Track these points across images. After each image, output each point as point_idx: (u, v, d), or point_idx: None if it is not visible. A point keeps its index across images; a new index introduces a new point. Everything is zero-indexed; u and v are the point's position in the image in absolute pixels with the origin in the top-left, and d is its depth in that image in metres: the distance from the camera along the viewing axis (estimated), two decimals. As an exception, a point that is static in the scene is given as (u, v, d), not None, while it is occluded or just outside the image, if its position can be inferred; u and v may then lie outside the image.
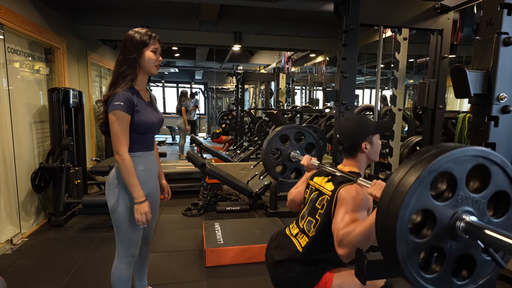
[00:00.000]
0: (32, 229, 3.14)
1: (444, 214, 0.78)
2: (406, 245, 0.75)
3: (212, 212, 3.71)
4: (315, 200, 1.45)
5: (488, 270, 0.85)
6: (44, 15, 3.48)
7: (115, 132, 1.49)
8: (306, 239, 1.40)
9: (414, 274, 0.77)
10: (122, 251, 1.65)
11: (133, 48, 1.50)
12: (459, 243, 0.80)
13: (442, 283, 0.81)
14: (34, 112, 3.36)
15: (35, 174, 3.07)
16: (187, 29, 4.55)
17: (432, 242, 0.78)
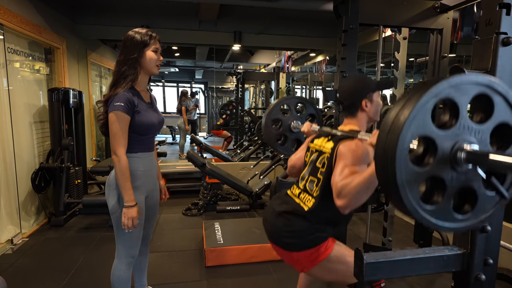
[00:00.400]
0: (33, 229, 3.14)
1: (446, 143, 0.77)
2: (406, 173, 0.74)
3: (212, 212, 3.72)
4: (315, 160, 1.44)
5: (490, 206, 0.85)
6: (44, 15, 3.48)
7: (114, 133, 1.48)
8: (311, 199, 1.38)
9: (414, 205, 0.76)
10: (122, 251, 1.65)
11: (134, 48, 1.50)
12: (460, 174, 0.79)
13: (442, 215, 0.81)
14: (34, 112, 3.36)
15: (35, 174, 3.07)
16: (186, 29, 4.55)
17: (433, 172, 0.77)
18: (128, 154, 1.55)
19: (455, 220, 0.83)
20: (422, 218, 0.79)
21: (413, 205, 0.76)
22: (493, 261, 1.14)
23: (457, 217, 0.83)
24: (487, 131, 0.80)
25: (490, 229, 1.11)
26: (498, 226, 1.14)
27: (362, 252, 1.09)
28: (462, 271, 1.16)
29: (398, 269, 1.12)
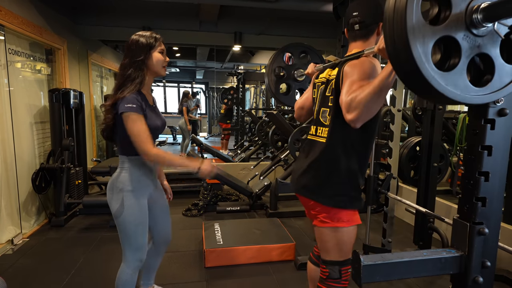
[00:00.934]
0: (33, 229, 3.15)
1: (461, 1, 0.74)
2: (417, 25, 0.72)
3: (212, 213, 3.72)
4: (323, 90, 1.42)
5: (506, 80, 0.83)
6: (45, 16, 3.49)
7: (136, 133, 1.45)
8: (326, 129, 1.36)
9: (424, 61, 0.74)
10: (129, 256, 1.62)
11: (140, 51, 1.50)
12: (476, 36, 0.77)
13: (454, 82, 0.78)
14: (35, 112, 3.37)
15: (36, 175, 3.08)
16: (187, 30, 4.56)
17: (447, 31, 0.75)
18: (132, 157, 1.56)
19: (468, 90, 0.80)
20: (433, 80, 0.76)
21: (425, 66, 0.74)
22: (491, 263, 1.14)
23: (471, 87, 0.80)
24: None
25: (487, 232, 1.11)
26: (496, 228, 1.14)
27: (360, 254, 1.09)
28: (460, 273, 1.16)
29: (396, 271, 1.12)
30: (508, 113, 1.09)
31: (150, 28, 4.41)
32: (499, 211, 1.15)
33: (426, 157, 2.61)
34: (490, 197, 1.12)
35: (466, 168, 1.16)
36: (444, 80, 0.78)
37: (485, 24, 0.78)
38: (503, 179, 1.13)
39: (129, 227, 1.56)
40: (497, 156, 1.11)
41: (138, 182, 1.58)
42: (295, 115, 1.70)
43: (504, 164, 1.13)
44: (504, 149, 1.12)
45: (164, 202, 1.81)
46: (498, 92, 0.86)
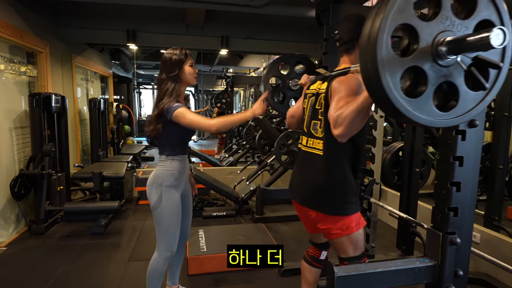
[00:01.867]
0: (12, 238, 3.07)
1: (428, 32, 0.81)
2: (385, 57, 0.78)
3: (198, 218, 3.68)
4: (314, 103, 1.50)
5: (469, 106, 0.90)
6: (26, 19, 3.42)
7: (191, 121, 1.65)
8: (319, 142, 1.45)
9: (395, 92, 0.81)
10: (162, 245, 1.79)
11: (174, 66, 1.72)
12: (442, 67, 0.84)
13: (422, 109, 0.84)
14: (15, 117, 3.29)
15: (15, 181, 3.00)
16: (174, 33, 4.53)
17: (414, 61, 0.82)
18: (171, 157, 1.78)
19: (435, 115, 0.87)
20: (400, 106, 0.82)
21: (392, 91, 0.81)
22: (463, 272, 1.15)
23: (437, 112, 0.87)
24: (470, 26, 0.84)
25: (460, 241, 1.12)
26: (468, 238, 1.16)
27: (333, 266, 1.09)
28: (434, 282, 1.17)
29: (370, 282, 1.12)
30: (478, 124, 1.11)
31: (135, 32, 4.37)
32: (471, 221, 1.17)
33: (408, 162, 2.64)
34: (462, 207, 1.13)
35: (439, 179, 1.17)
36: (411, 106, 0.84)
37: (449, 56, 0.84)
38: (474, 189, 1.15)
39: (165, 218, 1.75)
40: (469, 167, 1.13)
41: (175, 179, 1.77)
42: (287, 122, 1.81)
43: (475, 175, 1.15)
44: (475, 160, 1.14)
45: (190, 199, 2.02)
46: (462, 116, 0.91)
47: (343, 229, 1.41)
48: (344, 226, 1.41)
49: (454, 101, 0.89)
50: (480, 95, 0.92)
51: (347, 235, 1.42)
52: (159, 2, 3.36)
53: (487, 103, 0.93)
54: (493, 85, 0.92)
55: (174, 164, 1.78)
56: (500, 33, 0.73)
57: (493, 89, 0.92)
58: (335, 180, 1.41)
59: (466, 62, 0.88)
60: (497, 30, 0.72)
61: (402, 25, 0.81)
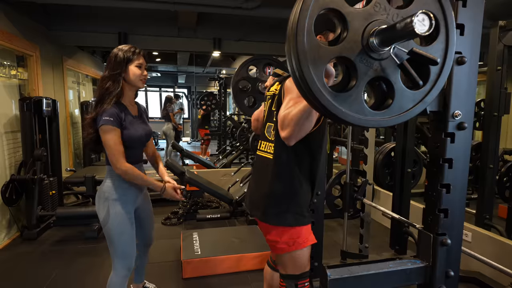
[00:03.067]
0: (4, 243, 3.03)
1: (358, 21, 0.73)
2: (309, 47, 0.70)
3: (193, 221, 3.67)
4: (270, 105, 1.42)
5: (407, 104, 0.82)
6: (14, 22, 3.37)
7: (108, 146, 1.55)
8: (271, 145, 1.35)
9: (319, 85, 0.72)
10: (117, 263, 1.68)
11: (118, 65, 1.58)
12: (374, 60, 0.75)
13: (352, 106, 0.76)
14: (5, 122, 3.24)
15: (6, 187, 2.96)
16: (166, 36, 4.51)
17: (342, 51, 0.73)
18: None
19: (366, 114, 0.78)
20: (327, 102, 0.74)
21: (317, 86, 0.72)
22: (454, 273, 1.17)
23: (369, 111, 0.78)
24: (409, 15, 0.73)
25: (450, 242, 1.14)
26: (458, 238, 1.17)
27: (327, 268, 1.10)
28: (425, 283, 1.18)
29: (363, 284, 1.13)
30: (467, 127, 1.13)
31: (127, 34, 4.35)
32: (461, 222, 1.18)
33: (400, 162, 2.66)
34: (452, 208, 1.14)
35: (429, 181, 1.19)
36: (338, 101, 0.76)
37: (382, 48, 0.76)
38: (464, 190, 1.17)
39: (115, 235, 1.63)
40: (458, 169, 1.14)
41: (123, 191, 1.65)
42: (252, 127, 1.70)
43: (464, 176, 1.16)
44: (464, 162, 1.15)
45: (149, 207, 1.91)
46: (397, 117, 0.83)
47: (290, 244, 1.30)
48: (290, 241, 1.29)
49: (390, 99, 0.82)
50: (419, 94, 0.84)
51: (292, 251, 1.31)
52: (150, 4, 3.34)
53: (427, 104, 0.87)
54: (434, 84, 0.85)
55: (120, 176, 1.62)
56: (426, 18, 0.65)
57: (433, 89, 0.85)
58: (283, 187, 1.30)
59: (402, 56, 0.79)
60: (421, 14, 0.64)
61: (328, 10, 0.73)
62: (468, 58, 1.08)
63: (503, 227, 2.82)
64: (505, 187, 3.21)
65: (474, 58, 1.10)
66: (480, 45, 1.11)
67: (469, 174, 3.39)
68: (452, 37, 0.87)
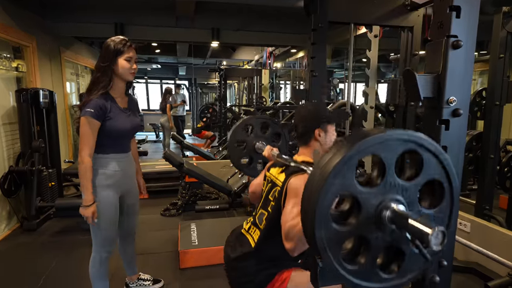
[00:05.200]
0: (4, 234, 3.05)
1: (370, 201, 0.74)
2: (326, 232, 0.72)
3: (191, 212, 3.67)
4: (268, 192, 1.41)
5: (418, 265, 0.83)
6: (9, 13, 3.34)
7: (81, 136, 1.60)
8: (258, 232, 1.35)
9: (335, 264, 0.75)
10: (97, 246, 1.77)
11: (107, 56, 1.61)
12: (385, 234, 0.76)
13: (366, 276, 0.78)
14: (3, 113, 3.24)
15: (4, 178, 2.97)
16: (164, 26, 4.46)
17: (357, 232, 0.75)
18: (101, 155, 1.68)
19: (380, 280, 0.80)
20: (343, 279, 0.77)
21: (333, 265, 0.75)
22: (447, 262, 1.15)
23: (383, 276, 0.80)
24: (416, 189, 0.77)
25: (443, 232, 1.11)
26: (452, 229, 1.15)
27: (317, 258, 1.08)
28: (418, 273, 1.16)
29: (354, 274, 1.11)
30: (462, 113, 1.09)
31: (124, 25, 4.29)
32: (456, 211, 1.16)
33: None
34: (445, 197, 1.12)
35: (423, 169, 1.16)
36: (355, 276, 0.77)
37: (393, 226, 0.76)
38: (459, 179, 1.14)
39: (97, 219, 1.66)
40: (453, 156, 1.11)
41: (106, 178, 1.69)
42: (249, 196, 1.69)
43: (460, 165, 1.13)
44: (459, 149, 1.12)
45: (136, 198, 1.94)
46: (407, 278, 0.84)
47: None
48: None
49: (400, 263, 0.82)
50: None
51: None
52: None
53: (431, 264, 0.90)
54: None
55: (105, 163, 1.68)
56: (440, 234, 0.66)
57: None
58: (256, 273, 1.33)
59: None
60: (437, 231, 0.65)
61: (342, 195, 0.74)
62: (464, 42, 1.04)
63: (504, 218, 2.80)
64: (506, 178, 3.17)
65: (470, 42, 1.07)
66: (477, 28, 1.07)
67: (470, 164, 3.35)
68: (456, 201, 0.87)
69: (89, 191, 1.61)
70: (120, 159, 1.74)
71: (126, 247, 2.05)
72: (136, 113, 1.83)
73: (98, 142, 1.64)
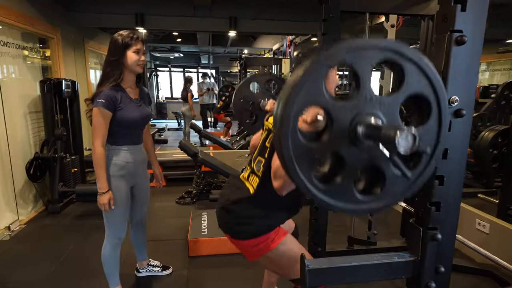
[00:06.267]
0: (31, 216, 3.26)
1: (343, 115, 0.70)
2: (295, 147, 0.68)
3: (206, 201, 3.75)
4: (265, 139, 1.41)
5: (399, 188, 0.79)
6: (35, 5, 3.47)
7: (94, 126, 1.66)
8: (256, 179, 1.35)
9: (306, 181, 0.71)
10: (109, 232, 1.87)
11: (116, 50, 1.65)
12: (362, 151, 0.73)
13: (341, 196, 0.75)
14: (29, 102, 3.41)
15: (30, 164, 3.16)
16: (181, 16, 4.47)
17: (329, 147, 0.71)
18: (114, 146, 1.75)
19: (356, 202, 0.76)
20: (315, 197, 0.73)
21: (304, 183, 0.71)
22: (445, 269, 1.10)
23: (359, 198, 0.76)
24: (396, 104, 0.72)
25: (441, 237, 1.07)
26: (451, 234, 1.10)
27: (305, 258, 1.07)
28: (413, 278, 1.13)
29: (344, 276, 1.10)
30: (465, 114, 1.03)
31: (143, 15, 4.35)
32: (455, 217, 1.10)
33: None
34: (445, 202, 1.07)
35: (422, 171, 1.11)
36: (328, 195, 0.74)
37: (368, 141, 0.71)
38: (460, 183, 1.08)
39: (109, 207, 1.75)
40: (454, 159, 1.05)
41: (118, 168, 1.75)
42: (249, 150, 1.69)
43: (461, 168, 1.07)
44: (462, 152, 1.06)
45: (147, 187, 2.01)
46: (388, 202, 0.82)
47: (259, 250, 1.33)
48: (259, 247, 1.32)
49: (381, 185, 0.78)
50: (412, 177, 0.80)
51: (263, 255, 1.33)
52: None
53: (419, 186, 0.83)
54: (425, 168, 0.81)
55: (118, 154, 1.75)
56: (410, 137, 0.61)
57: (425, 171, 0.81)
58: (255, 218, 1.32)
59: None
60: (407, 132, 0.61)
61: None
62: (470, 38, 0.97)
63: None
64: (534, 177, 2.97)
65: (477, 38, 0.99)
66: (485, 23, 0.99)
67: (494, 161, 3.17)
68: (445, 119, 0.81)
69: (104, 179, 1.68)
70: (132, 150, 1.80)
71: (137, 234, 2.15)
72: (147, 103, 1.88)
73: (110, 133, 1.70)
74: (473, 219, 2.54)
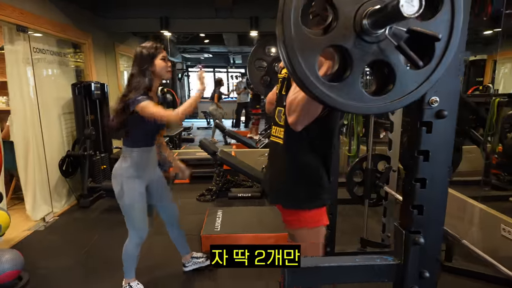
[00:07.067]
0: (64, 209, 3.54)
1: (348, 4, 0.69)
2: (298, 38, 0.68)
3: (225, 198, 3.84)
4: (280, 88, 1.41)
5: (410, 87, 0.77)
6: (67, 13, 3.73)
7: (152, 113, 1.70)
8: (281, 130, 1.35)
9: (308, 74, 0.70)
10: (131, 232, 1.97)
11: (144, 61, 1.75)
12: (370, 43, 0.72)
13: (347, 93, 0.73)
14: (63, 104, 3.70)
15: (62, 161, 3.43)
16: (204, 18, 4.59)
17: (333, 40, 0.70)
18: (133, 149, 1.85)
19: (366, 100, 0.75)
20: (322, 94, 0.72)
21: (309, 79, 0.70)
22: (430, 274, 1.07)
23: (368, 96, 0.75)
24: None
25: (423, 241, 1.04)
26: (436, 238, 1.06)
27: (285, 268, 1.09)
28: (396, 282, 1.10)
29: (323, 277, 1.10)
30: (447, 115, 0.99)
31: (168, 18, 4.52)
32: (440, 221, 1.07)
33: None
34: (428, 205, 1.04)
35: (406, 173, 1.08)
36: (335, 92, 0.73)
37: (376, 31, 0.70)
38: (444, 186, 1.05)
39: (128, 209, 1.87)
40: (437, 161, 1.02)
41: (137, 170, 1.85)
42: (266, 110, 1.69)
43: (445, 170, 1.04)
44: (446, 154, 1.03)
45: (163, 184, 2.11)
46: (399, 101, 0.78)
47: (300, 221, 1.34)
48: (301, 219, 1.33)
49: (391, 82, 0.76)
50: (423, 74, 0.76)
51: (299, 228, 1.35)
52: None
53: (432, 83, 0.78)
54: (440, 61, 0.75)
55: (135, 156, 1.83)
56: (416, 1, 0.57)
57: (439, 66, 0.76)
58: (295, 172, 1.31)
59: (400, 36, 0.72)
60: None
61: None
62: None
63: None
64: None
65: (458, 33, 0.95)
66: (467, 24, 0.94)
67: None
68: (459, 6, 0.75)
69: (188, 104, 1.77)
70: (147, 151, 1.90)
71: (172, 231, 2.27)
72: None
73: (131, 135, 1.82)
74: (498, 224, 2.38)
